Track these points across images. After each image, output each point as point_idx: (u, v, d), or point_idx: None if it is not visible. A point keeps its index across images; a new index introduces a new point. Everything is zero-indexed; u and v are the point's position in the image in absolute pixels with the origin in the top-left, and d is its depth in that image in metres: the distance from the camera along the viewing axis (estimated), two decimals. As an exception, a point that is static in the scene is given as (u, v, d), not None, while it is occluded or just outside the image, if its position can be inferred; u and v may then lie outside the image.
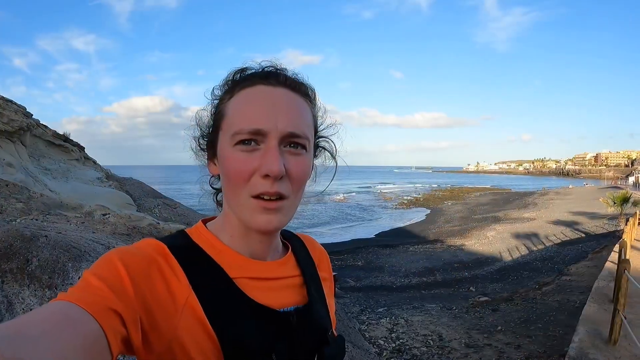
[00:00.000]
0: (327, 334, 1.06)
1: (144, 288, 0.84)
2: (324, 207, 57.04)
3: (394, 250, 27.74)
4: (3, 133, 7.59)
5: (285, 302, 1.02)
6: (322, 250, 1.31)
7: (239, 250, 1.01)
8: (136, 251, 0.90)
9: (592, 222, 32.17)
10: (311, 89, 1.06)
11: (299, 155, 0.95)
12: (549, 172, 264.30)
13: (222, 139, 0.98)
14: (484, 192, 78.08)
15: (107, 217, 5.49)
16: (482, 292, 16.19)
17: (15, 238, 3.19)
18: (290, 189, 0.95)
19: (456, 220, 40.35)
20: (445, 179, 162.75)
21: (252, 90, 0.96)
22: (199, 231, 1.04)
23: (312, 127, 1.03)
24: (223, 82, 1.04)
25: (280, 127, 0.91)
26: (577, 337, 7.06)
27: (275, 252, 1.10)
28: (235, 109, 0.96)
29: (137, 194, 11.29)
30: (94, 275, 0.80)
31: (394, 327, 10.90)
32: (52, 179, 9.09)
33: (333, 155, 1.18)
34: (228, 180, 0.95)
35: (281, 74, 1.00)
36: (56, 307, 0.72)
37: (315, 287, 1.13)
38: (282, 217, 0.95)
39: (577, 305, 10.68)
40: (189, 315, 0.87)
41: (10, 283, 3.05)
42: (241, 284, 0.96)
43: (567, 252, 22.26)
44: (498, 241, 28.17)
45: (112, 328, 0.74)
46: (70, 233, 3.74)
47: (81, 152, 11.68)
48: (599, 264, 14.24)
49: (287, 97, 0.97)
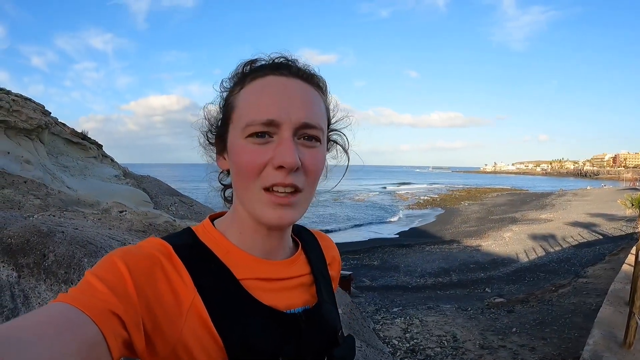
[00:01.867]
0: (337, 334, 1.04)
1: (147, 290, 0.82)
2: (341, 207, 57.00)
3: (410, 250, 27.62)
4: (22, 131, 7.70)
5: (294, 303, 1.00)
6: (335, 250, 1.29)
7: (248, 248, 0.99)
8: (139, 252, 0.88)
9: (610, 224, 31.80)
10: (323, 80, 1.04)
11: (313, 148, 0.93)
12: (566, 173, 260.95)
13: (232, 132, 0.95)
14: (501, 192, 77.40)
15: (123, 214, 5.54)
16: (497, 293, 16.09)
17: (32, 233, 3.23)
18: (305, 182, 0.93)
19: (473, 221, 40.08)
20: (463, 179, 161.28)
21: (263, 80, 0.94)
22: (206, 229, 1.02)
23: (325, 119, 1.01)
24: (232, 74, 1.02)
25: (294, 117, 0.89)
26: (591, 340, 7.00)
27: (286, 249, 1.08)
28: (246, 101, 0.94)
29: (154, 191, 11.36)
30: (95, 276, 0.79)
31: (408, 327, 10.90)
32: (70, 176, 9.20)
33: (345, 149, 1.16)
34: (239, 172, 0.93)
35: (293, 64, 0.98)
36: (54, 310, 0.71)
37: (325, 286, 1.11)
38: (295, 212, 0.93)
39: (593, 307, 10.58)
40: (194, 318, 0.86)
41: (27, 277, 3.10)
42: (248, 285, 0.94)
43: (584, 254, 22.02)
44: (515, 242, 27.93)
45: (112, 331, 0.73)
46: (87, 229, 3.78)
47: (99, 150, 11.77)
48: (616, 266, 14.09)
49: (300, 88, 0.94)
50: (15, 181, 6.44)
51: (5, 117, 7.39)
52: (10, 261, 3.15)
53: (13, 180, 6.45)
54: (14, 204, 5.03)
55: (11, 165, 7.06)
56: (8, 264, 3.15)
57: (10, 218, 3.65)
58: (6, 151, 7.30)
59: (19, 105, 7.65)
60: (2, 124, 7.41)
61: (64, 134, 10.50)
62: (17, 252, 3.15)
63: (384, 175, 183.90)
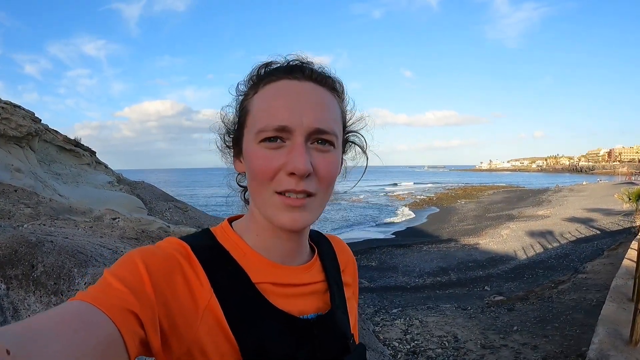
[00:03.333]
0: (349, 341, 1.04)
1: (165, 290, 0.83)
2: (336, 208, 57.08)
3: (407, 250, 27.63)
4: (11, 138, 7.63)
5: (308, 309, 1.01)
6: (349, 254, 1.28)
7: (264, 252, 1.00)
8: (159, 251, 0.89)
9: (607, 219, 31.89)
10: (339, 82, 1.04)
11: (326, 152, 0.93)
12: (562, 169, 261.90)
13: (246, 136, 0.96)
14: (497, 190, 77.60)
15: (116, 221, 5.48)
16: (497, 291, 16.10)
17: (20, 244, 3.16)
18: (318, 187, 0.93)
19: (470, 219, 40.18)
20: (458, 178, 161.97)
21: (276, 85, 0.94)
22: (224, 231, 1.03)
23: (340, 122, 1.01)
24: (247, 78, 1.02)
25: (306, 123, 0.89)
26: (596, 338, 6.93)
27: (303, 254, 1.08)
28: (259, 105, 0.94)
29: (148, 197, 11.33)
30: (113, 275, 0.80)
31: (408, 328, 10.88)
32: (63, 183, 9.14)
33: (364, 150, 1.16)
34: (253, 177, 0.94)
35: (307, 67, 0.97)
36: (71, 307, 0.71)
37: (339, 293, 1.11)
38: (309, 215, 0.93)
39: (594, 303, 10.58)
40: (210, 319, 0.87)
41: (16, 289, 3.02)
42: (264, 289, 0.95)
43: (583, 250, 22.09)
44: (512, 239, 28.01)
45: (129, 330, 0.73)
46: (77, 238, 3.72)
47: (92, 157, 11.75)
48: (615, 261, 14.12)
49: (313, 92, 0.94)
50: (5, 190, 6.35)
51: (-6, 125, 7.30)
52: (-3, 273, 3.07)
53: (3, 189, 6.36)
54: (4, 214, 4.97)
55: (1, 174, 6.97)
56: (-5, 276, 3.06)
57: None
58: (-5, 160, 7.21)
59: (8, 112, 7.57)
60: (-9, 132, 7.32)
61: (56, 141, 10.48)
62: (5, 263, 3.08)
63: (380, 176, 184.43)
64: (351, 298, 1.19)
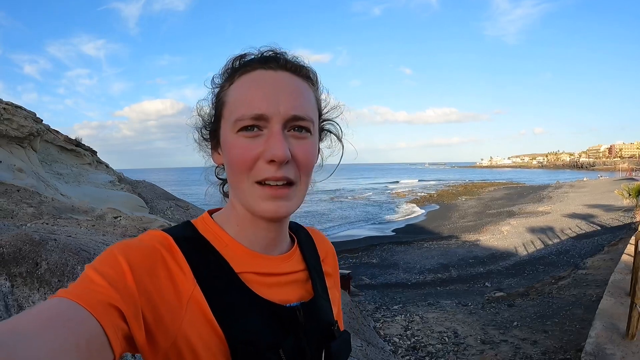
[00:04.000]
0: (334, 328, 1.05)
1: (147, 282, 0.82)
2: (337, 206, 57.00)
3: (408, 247, 27.62)
4: (13, 139, 7.66)
5: (290, 298, 1.01)
6: (329, 245, 1.29)
7: (245, 242, 1.00)
8: (140, 244, 0.88)
9: (608, 215, 31.82)
10: (313, 71, 1.04)
11: (304, 139, 0.94)
12: (562, 165, 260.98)
13: (224, 127, 0.96)
14: (498, 186, 77.40)
15: (118, 219, 5.52)
16: (497, 287, 16.12)
17: (24, 242, 3.20)
18: (298, 174, 0.93)
19: (470, 216, 40.10)
20: (459, 175, 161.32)
21: (251, 75, 0.95)
22: (205, 222, 1.02)
23: (315, 109, 1.02)
24: (222, 70, 1.02)
25: (282, 110, 0.90)
26: (593, 332, 6.98)
27: (283, 244, 1.09)
28: (235, 96, 0.94)
29: (149, 196, 11.36)
30: (94, 270, 0.79)
31: (409, 324, 10.91)
32: (64, 183, 9.17)
33: (339, 138, 1.16)
34: (232, 167, 0.94)
35: (281, 57, 0.98)
36: (52, 305, 0.70)
37: (320, 282, 1.12)
38: (290, 204, 0.94)
39: (593, 299, 10.60)
40: (194, 310, 0.86)
41: (20, 287, 3.07)
42: (246, 278, 0.95)
43: (583, 246, 22.09)
44: (513, 236, 27.97)
45: (112, 325, 0.72)
46: (80, 236, 3.76)
47: (93, 157, 11.76)
48: (615, 256, 14.10)
49: (288, 80, 0.95)
50: (8, 190, 6.39)
51: (-4, 125, 7.34)
52: (2, 271, 3.12)
53: (6, 189, 6.40)
54: (7, 213, 5.00)
55: (3, 174, 7.00)
56: (0, 274, 3.11)
57: (2, 227, 3.63)
58: (-2, 160, 7.25)
59: (10, 113, 7.60)
60: (-7, 133, 7.36)
61: (58, 141, 10.50)
62: (10, 261, 3.12)
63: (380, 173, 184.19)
64: (333, 287, 1.20)
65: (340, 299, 1.27)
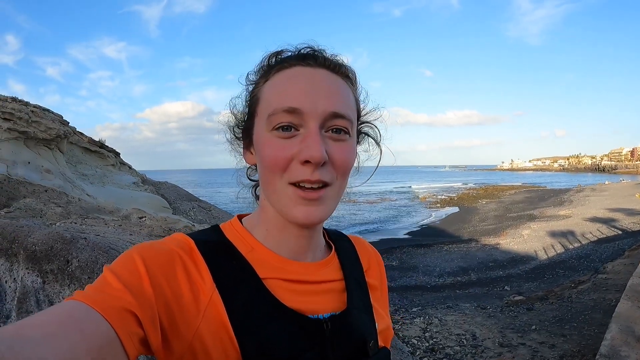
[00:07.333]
0: (368, 345, 0.96)
1: (164, 286, 0.81)
2: (357, 208, 56.73)
3: (428, 250, 27.38)
4: (41, 141, 7.84)
5: (321, 308, 0.95)
6: (374, 255, 1.24)
7: (275, 247, 0.97)
8: (159, 247, 0.87)
9: (629, 219, 31.31)
10: (352, 70, 1.01)
11: (342, 141, 0.91)
12: (584, 168, 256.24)
13: (257, 125, 0.94)
14: (519, 190, 76.37)
15: (143, 220, 5.61)
16: (517, 291, 15.98)
17: (56, 240, 3.29)
18: (334, 177, 0.90)
19: (491, 219, 39.67)
20: (480, 177, 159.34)
21: (288, 72, 0.92)
22: (233, 226, 1.00)
23: (354, 110, 0.98)
24: (258, 67, 1.00)
25: (320, 108, 0.86)
26: (609, 335, 6.96)
27: (317, 251, 1.05)
28: (271, 92, 0.92)
29: (172, 197, 11.46)
30: (112, 272, 0.79)
31: (427, 326, 10.89)
32: (90, 184, 9.34)
33: (377, 142, 1.12)
34: (264, 167, 0.90)
35: (319, 54, 0.95)
36: (64, 308, 0.70)
37: (361, 294, 1.05)
38: (325, 209, 0.90)
39: (613, 303, 10.49)
40: (212, 316, 0.84)
41: (52, 283, 3.17)
42: (272, 285, 0.91)
43: (604, 250, 21.76)
44: (533, 239, 27.65)
45: (126, 330, 0.72)
46: (109, 235, 3.85)
47: (117, 158, 11.88)
48: (636, 261, 13.93)
49: (327, 78, 0.92)
50: (36, 190, 6.56)
51: (25, 128, 7.52)
52: (34, 267, 3.23)
53: (34, 190, 6.57)
54: (36, 213, 5.12)
55: (32, 175, 7.20)
56: (32, 270, 3.23)
57: (33, 226, 3.74)
58: (27, 161, 7.44)
59: (38, 116, 7.78)
60: (22, 135, 7.54)
61: (82, 143, 10.64)
62: (42, 258, 3.22)
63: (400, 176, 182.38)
64: (379, 300, 1.14)
65: (387, 317, 1.17)
